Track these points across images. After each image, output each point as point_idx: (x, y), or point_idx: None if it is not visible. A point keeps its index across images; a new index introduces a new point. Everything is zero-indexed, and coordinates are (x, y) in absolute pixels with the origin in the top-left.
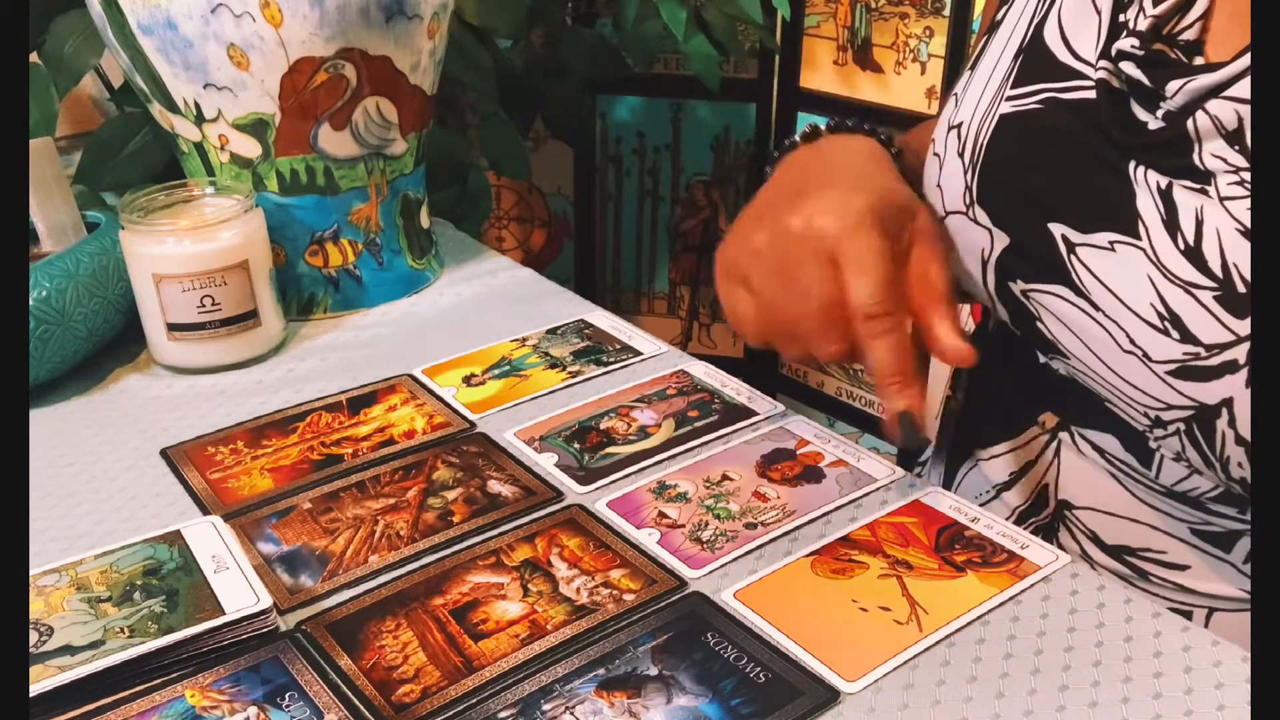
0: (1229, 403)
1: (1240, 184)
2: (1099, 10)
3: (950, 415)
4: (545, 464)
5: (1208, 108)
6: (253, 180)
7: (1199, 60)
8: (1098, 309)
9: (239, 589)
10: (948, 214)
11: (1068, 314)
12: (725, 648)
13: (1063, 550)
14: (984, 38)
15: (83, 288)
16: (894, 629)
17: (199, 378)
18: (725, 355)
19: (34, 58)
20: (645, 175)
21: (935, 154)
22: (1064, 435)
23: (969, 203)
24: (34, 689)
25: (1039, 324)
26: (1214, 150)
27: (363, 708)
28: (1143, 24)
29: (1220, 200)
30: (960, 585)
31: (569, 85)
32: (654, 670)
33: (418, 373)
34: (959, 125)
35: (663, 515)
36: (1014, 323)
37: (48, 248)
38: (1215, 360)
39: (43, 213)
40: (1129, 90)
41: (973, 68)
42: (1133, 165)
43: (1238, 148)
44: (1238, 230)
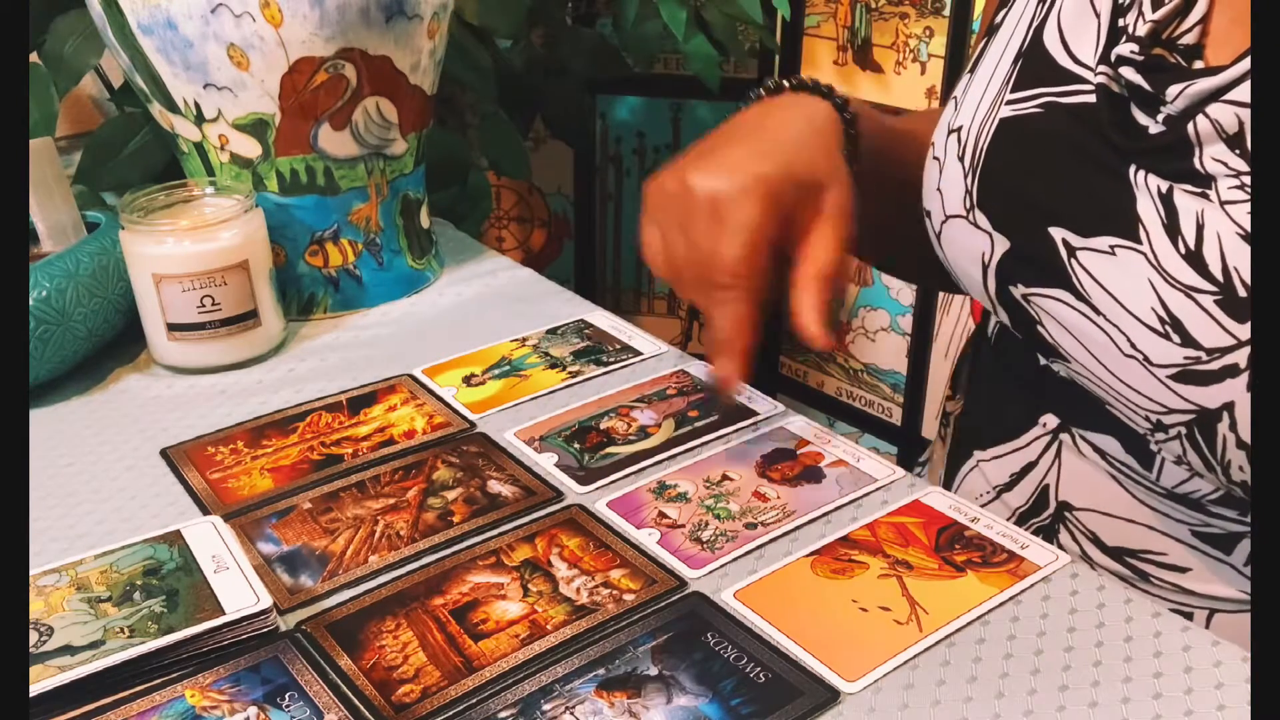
0: (1230, 406)
1: (1241, 188)
2: (1098, 13)
3: (950, 415)
4: (545, 464)
5: (1208, 111)
6: (253, 180)
7: (1199, 64)
8: (1098, 313)
9: (239, 589)
10: (948, 218)
11: (1068, 318)
12: (725, 648)
13: (1063, 551)
14: (983, 40)
15: (83, 288)
16: (894, 629)
17: (199, 378)
18: None
19: (34, 58)
20: (645, 175)
21: (935, 158)
22: (1064, 437)
23: (969, 207)
24: (34, 689)
25: (1039, 328)
26: (1214, 154)
27: (363, 708)
28: (1142, 28)
29: (1221, 204)
30: (960, 585)
31: (569, 85)
32: (654, 670)
33: (418, 373)
34: (959, 129)
35: (663, 515)
36: (1014, 326)
37: (48, 248)
38: (1216, 364)
39: (43, 213)
40: (1129, 94)
41: (972, 71)
42: (1133, 169)
43: (1238, 151)
44: (1238, 234)
